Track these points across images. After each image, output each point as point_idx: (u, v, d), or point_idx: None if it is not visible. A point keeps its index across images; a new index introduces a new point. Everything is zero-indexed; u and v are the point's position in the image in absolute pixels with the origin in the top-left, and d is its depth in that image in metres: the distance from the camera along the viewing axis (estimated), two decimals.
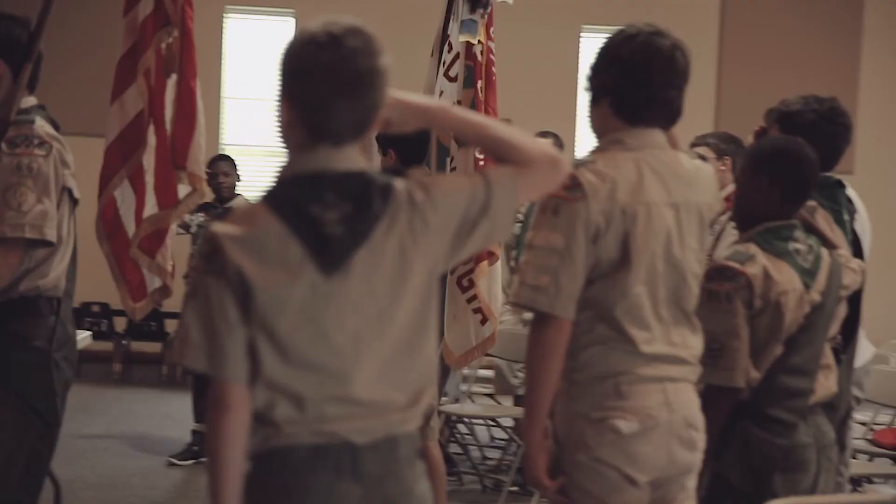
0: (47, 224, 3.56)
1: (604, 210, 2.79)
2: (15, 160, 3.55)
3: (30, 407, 3.62)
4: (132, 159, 4.83)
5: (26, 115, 3.66)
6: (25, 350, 3.63)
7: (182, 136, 4.83)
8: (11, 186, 3.53)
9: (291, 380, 2.14)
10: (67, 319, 3.76)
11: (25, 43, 3.71)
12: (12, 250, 3.55)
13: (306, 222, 2.15)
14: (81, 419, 8.41)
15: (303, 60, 2.17)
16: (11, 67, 3.69)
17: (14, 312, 3.62)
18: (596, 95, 2.98)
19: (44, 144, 3.59)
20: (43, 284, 3.64)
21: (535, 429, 2.86)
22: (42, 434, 3.68)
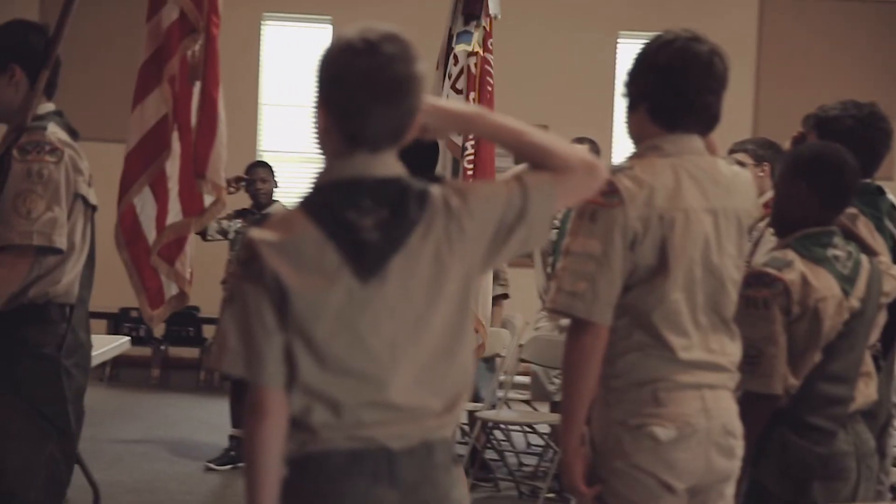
0: (56, 231, 3.54)
1: (641, 216, 2.78)
2: (26, 167, 3.53)
3: (42, 415, 3.61)
4: (153, 166, 4.78)
5: (39, 122, 3.65)
6: (35, 357, 3.60)
7: (203, 144, 4.79)
8: (21, 193, 3.52)
9: (328, 385, 2.14)
10: (80, 326, 3.73)
11: (43, 49, 3.71)
12: (22, 257, 3.53)
13: (343, 228, 2.15)
14: (120, 424, 8.47)
15: (339, 67, 2.17)
16: (28, 74, 3.69)
17: (24, 319, 3.60)
18: (633, 101, 2.97)
19: (55, 151, 3.58)
20: (53, 291, 3.62)
21: (571, 435, 2.85)
22: (58, 442, 3.66)
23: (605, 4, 11.45)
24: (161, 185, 4.85)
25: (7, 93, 3.70)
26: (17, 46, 3.71)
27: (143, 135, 4.79)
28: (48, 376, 3.61)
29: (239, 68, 11.30)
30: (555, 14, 11.50)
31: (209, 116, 4.80)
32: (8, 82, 3.69)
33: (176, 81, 4.79)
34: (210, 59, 4.82)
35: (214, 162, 4.80)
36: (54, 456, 3.66)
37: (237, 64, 11.30)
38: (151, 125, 4.79)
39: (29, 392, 3.59)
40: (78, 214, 3.68)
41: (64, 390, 3.64)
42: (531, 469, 7.27)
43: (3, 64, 3.69)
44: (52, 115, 3.72)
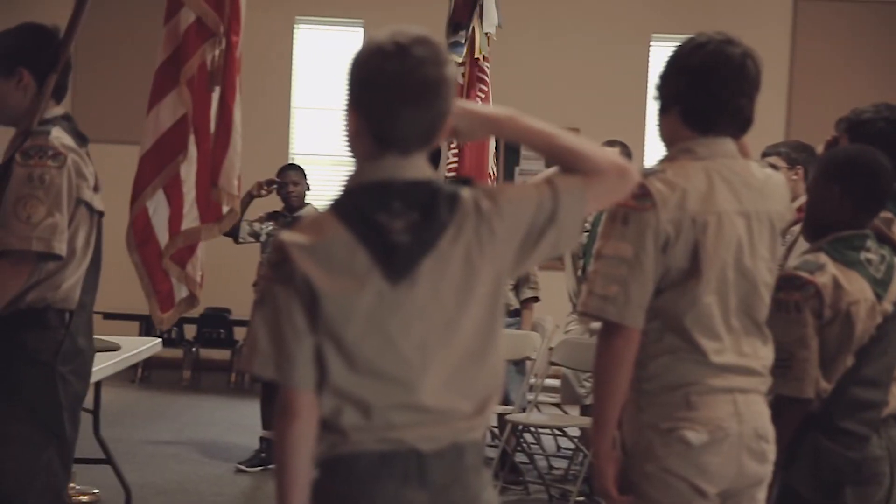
0: (56, 237, 3.50)
1: (673, 219, 2.77)
2: (27, 171, 3.51)
3: (38, 420, 3.57)
4: (168, 168, 4.73)
5: (44, 126, 3.62)
6: (31, 363, 3.56)
7: (217, 153, 4.76)
8: (22, 198, 3.49)
9: (358, 387, 2.15)
10: (81, 332, 3.69)
11: (52, 53, 3.70)
12: (21, 263, 3.50)
13: (373, 231, 2.16)
14: (151, 425, 8.52)
15: (370, 70, 2.17)
16: (37, 77, 3.67)
17: (22, 324, 3.57)
18: (665, 104, 2.96)
19: (58, 156, 3.55)
20: (52, 296, 3.59)
21: (603, 439, 2.84)
22: (56, 447, 3.62)
23: (638, 7, 11.43)
24: (175, 189, 4.79)
25: (15, 96, 3.69)
26: (26, 50, 3.70)
27: (158, 137, 4.75)
28: (44, 382, 3.56)
29: (271, 71, 11.35)
30: (587, 17, 11.49)
31: (225, 125, 4.77)
32: (16, 86, 3.68)
33: (194, 85, 4.76)
34: (228, 66, 4.78)
35: (227, 171, 4.74)
36: (52, 462, 3.61)
37: (269, 67, 11.35)
38: (167, 128, 4.75)
39: (25, 397, 3.55)
40: (81, 220, 3.64)
41: (59, 397, 3.59)
42: (561, 472, 7.26)
43: (10, 68, 3.68)
44: (59, 120, 3.69)
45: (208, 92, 4.80)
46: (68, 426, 3.64)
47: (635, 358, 2.81)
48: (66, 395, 3.61)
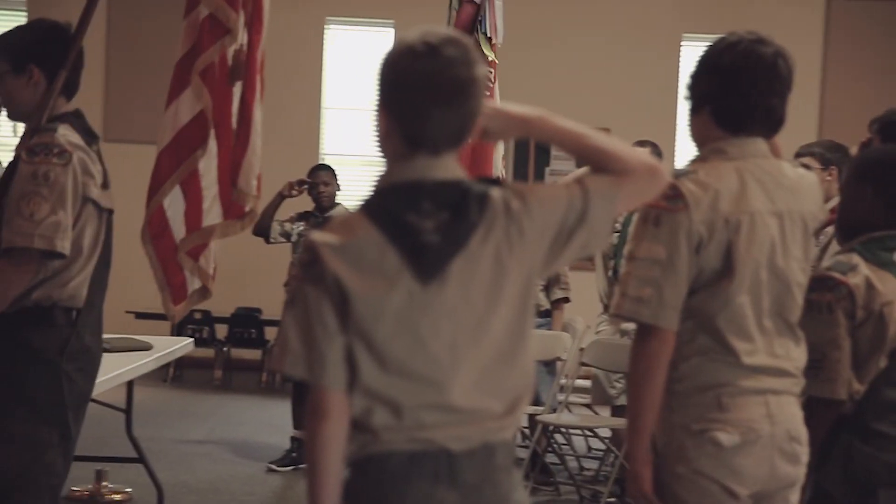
0: (59, 235, 3.48)
1: (706, 220, 2.76)
2: (32, 168, 3.50)
3: (42, 419, 3.56)
4: (186, 164, 4.65)
5: (51, 124, 3.61)
6: (36, 361, 3.55)
7: (237, 151, 4.69)
8: (26, 195, 3.47)
9: (388, 387, 2.15)
10: (88, 330, 3.68)
11: (62, 49, 3.69)
12: (25, 261, 3.49)
13: (403, 231, 2.16)
14: (183, 425, 8.56)
15: (400, 70, 2.18)
16: (47, 75, 3.67)
17: (27, 322, 3.56)
18: (696, 104, 2.95)
19: (63, 154, 3.53)
20: (58, 295, 3.57)
21: (639, 443, 2.82)
22: (60, 448, 3.61)
23: (670, 7, 11.39)
24: (193, 183, 4.72)
25: (26, 93, 3.69)
26: (36, 46, 3.70)
27: (176, 132, 4.69)
28: (49, 381, 3.56)
29: (301, 72, 11.38)
30: (619, 17, 11.46)
31: (244, 124, 4.70)
32: (26, 83, 3.68)
33: (213, 79, 4.68)
34: (250, 65, 4.72)
35: (246, 172, 4.68)
36: (55, 462, 3.61)
37: (300, 67, 11.38)
38: (185, 123, 4.69)
39: (29, 396, 3.55)
40: (87, 218, 3.63)
41: (64, 395, 3.58)
42: (592, 473, 7.24)
43: (21, 65, 3.68)
44: (69, 117, 3.68)
45: (228, 87, 4.73)
46: (73, 425, 3.63)
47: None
48: (71, 394, 3.60)
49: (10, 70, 3.70)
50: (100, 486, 6.26)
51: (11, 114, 3.88)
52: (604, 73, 11.33)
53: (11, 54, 3.70)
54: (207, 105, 4.65)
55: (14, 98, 3.74)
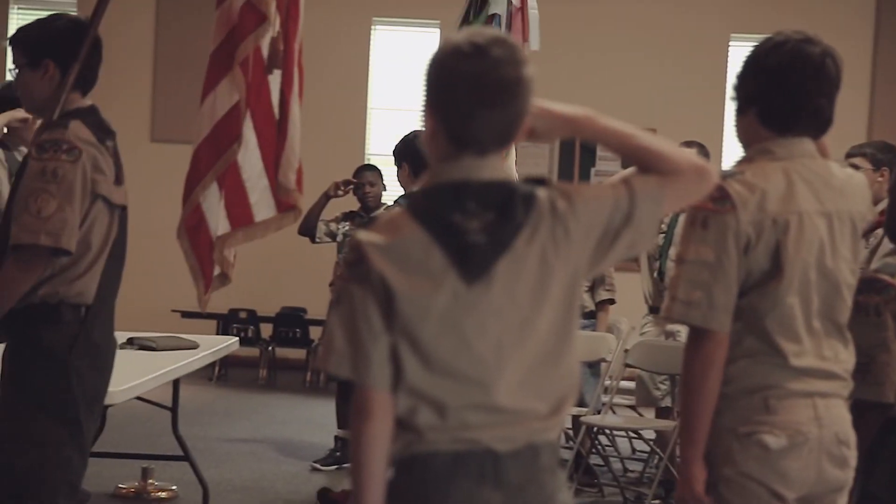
0: (66, 232, 3.47)
1: (754, 221, 2.74)
2: (41, 165, 3.49)
3: (52, 417, 3.55)
4: (224, 157, 4.50)
5: (63, 119, 3.60)
6: (45, 358, 3.55)
7: (277, 145, 4.57)
8: (34, 192, 3.47)
9: (433, 387, 2.15)
10: (98, 326, 3.66)
11: (79, 45, 3.68)
12: (32, 257, 3.48)
13: (449, 231, 2.16)
14: (228, 423, 8.61)
15: (447, 71, 2.18)
16: (62, 69, 3.67)
17: (35, 318, 3.55)
18: (743, 105, 2.93)
19: (73, 150, 3.51)
20: (65, 291, 3.57)
21: (695, 447, 2.80)
22: (74, 444, 3.60)
23: (717, 7, 11.33)
24: (232, 177, 4.59)
25: (41, 87, 3.70)
26: (52, 41, 3.70)
27: (214, 124, 4.56)
28: (58, 377, 3.55)
29: (348, 71, 11.42)
30: (666, 17, 11.42)
31: (283, 117, 4.59)
32: (42, 77, 3.69)
33: (249, 69, 4.57)
34: (287, 56, 4.58)
35: (284, 167, 4.60)
36: (70, 458, 3.60)
37: (346, 67, 11.42)
38: (223, 114, 4.57)
39: (39, 393, 3.55)
40: (97, 215, 3.62)
41: (74, 392, 3.56)
42: (636, 475, 7.22)
43: (36, 59, 3.69)
44: (81, 112, 3.67)
45: (265, 76, 4.61)
46: (84, 421, 3.62)
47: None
48: (81, 390, 3.59)
49: (27, 63, 3.71)
50: (146, 483, 6.31)
51: (28, 107, 3.92)
52: (651, 74, 11.29)
53: (28, 48, 3.72)
54: (242, 95, 4.53)
55: (30, 91, 3.75)
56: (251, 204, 4.62)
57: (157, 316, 9.76)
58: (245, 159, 4.56)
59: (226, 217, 4.59)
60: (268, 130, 4.61)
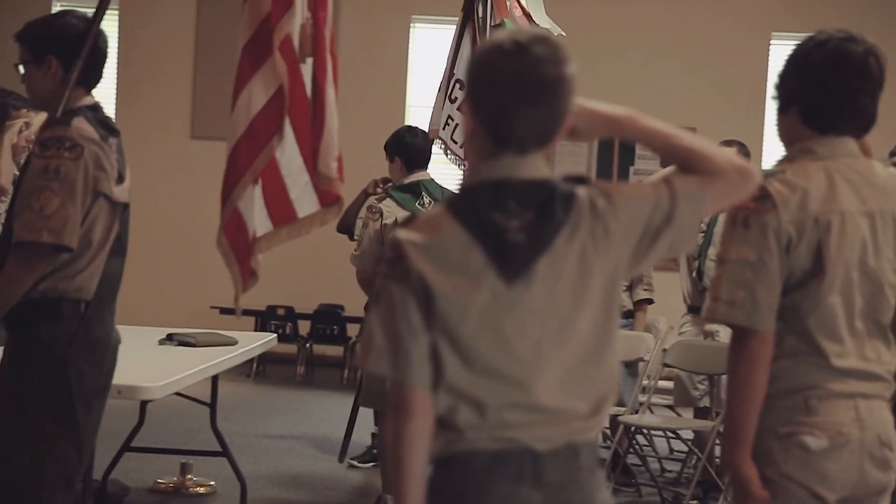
0: (67, 229, 3.48)
1: (795, 220, 2.73)
2: (44, 163, 3.51)
3: (48, 412, 3.56)
4: (263, 154, 4.28)
5: (65, 117, 3.61)
6: (43, 354, 3.56)
7: (315, 134, 4.36)
8: (36, 190, 3.49)
9: (473, 386, 2.15)
10: (97, 322, 3.67)
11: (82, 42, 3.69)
12: (34, 254, 3.50)
13: (488, 230, 2.16)
14: (266, 419, 8.64)
15: (488, 69, 2.17)
16: (65, 66, 3.68)
17: (34, 314, 3.57)
18: (784, 104, 2.92)
19: (75, 148, 3.53)
20: (65, 287, 3.59)
21: (743, 447, 2.78)
22: (70, 439, 3.61)
23: (758, 4, 11.26)
24: (271, 173, 4.38)
25: (45, 83, 3.71)
26: (55, 38, 3.72)
27: (251, 119, 4.32)
28: (56, 373, 3.56)
29: (387, 70, 11.44)
30: (707, 14, 11.36)
31: (319, 105, 4.50)
32: (45, 73, 3.70)
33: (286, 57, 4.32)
34: (319, 43, 4.38)
35: (324, 154, 4.38)
36: (65, 453, 3.61)
37: (385, 65, 11.44)
38: (261, 107, 4.32)
39: (36, 388, 3.56)
40: (99, 212, 3.63)
41: (72, 388, 3.58)
42: (674, 475, 7.19)
43: (40, 55, 3.70)
44: (84, 110, 3.67)
45: (298, 64, 4.41)
46: (82, 417, 3.62)
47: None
48: (79, 386, 3.60)
49: (31, 60, 3.73)
50: (184, 478, 6.35)
51: (34, 103, 3.96)
52: (691, 72, 11.24)
53: (32, 44, 3.74)
54: (284, 80, 4.28)
55: (34, 88, 3.78)
56: (292, 200, 4.48)
57: (196, 312, 9.82)
58: (283, 154, 4.42)
59: (267, 216, 4.45)
60: (304, 123, 4.44)
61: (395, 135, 6.16)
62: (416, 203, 5.96)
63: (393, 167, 6.11)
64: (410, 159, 6.03)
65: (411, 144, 6.08)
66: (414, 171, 6.04)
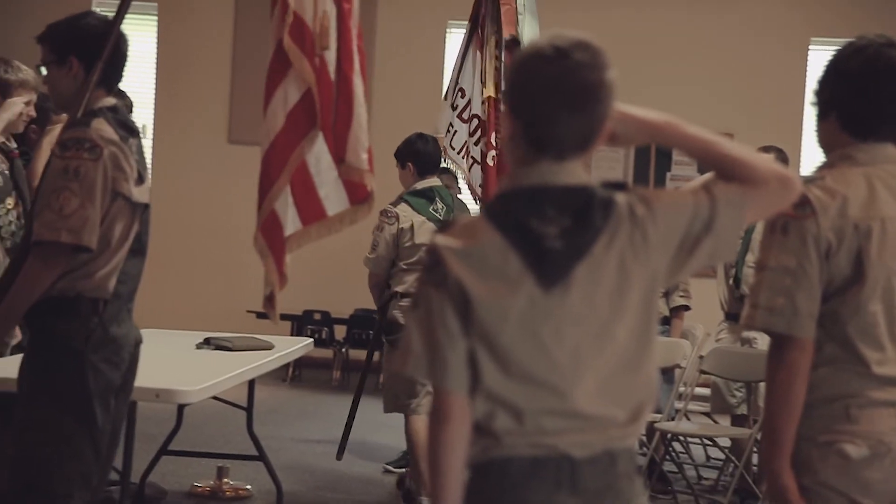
0: (87, 229, 3.51)
1: (834, 227, 2.71)
2: (63, 163, 3.54)
3: (66, 409, 3.59)
4: (296, 152, 4.21)
5: (86, 117, 3.64)
6: (60, 351, 3.60)
7: (339, 126, 4.28)
8: (56, 190, 3.52)
9: (510, 392, 2.14)
10: (115, 320, 3.69)
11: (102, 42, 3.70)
12: (53, 254, 3.53)
13: (526, 236, 2.15)
14: (302, 423, 8.67)
15: (528, 74, 2.17)
16: (87, 67, 3.70)
17: (52, 312, 3.61)
18: (823, 110, 2.90)
19: (94, 148, 3.55)
20: (83, 286, 3.61)
21: (783, 456, 2.75)
22: (88, 436, 3.63)
23: (797, 11, 11.21)
24: (300, 172, 4.30)
25: (66, 84, 3.74)
26: (78, 39, 3.74)
27: (287, 113, 4.23)
28: (73, 371, 3.59)
29: (423, 74, 11.46)
30: (745, 20, 11.32)
31: (345, 96, 4.44)
32: (67, 74, 3.73)
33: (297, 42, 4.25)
34: (344, 34, 4.30)
35: (353, 144, 4.32)
36: (83, 450, 3.63)
37: (421, 71, 11.46)
38: (295, 102, 4.25)
39: (54, 385, 3.59)
40: (117, 213, 3.64)
41: (88, 386, 3.60)
42: (711, 483, 7.15)
43: (62, 56, 3.73)
44: (105, 111, 3.69)
45: (314, 57, 4.27)
46: (100, 415, 3.64)
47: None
48: (96, 384, 3.62)
49: (55, 60, 3.76)
50: (221, 482, 6.37)
51: (56, 104, 3.97)
52: (728, 77, 11.19)
53: (55, 45, 3.77)
54: (312, 80, 4.24)
55: (56, 88, 3.81)
56: (321, 198, 4.38)
57: (233, 316, 9.85)
58: (311, 152, 4.34)
59: (297, 215, 4.36)
60: (329, 117, 4.34)
61: (407, 142, 6.31)
62: (430, 208, 6.12)
63: (405, 173, 6.26)
64: (423, 165, 6.22)
65: (423, 151, 6.24)
66: (426, 177, 6.22)
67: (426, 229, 5.97)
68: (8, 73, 5.03)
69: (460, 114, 6.42)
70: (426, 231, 5.97)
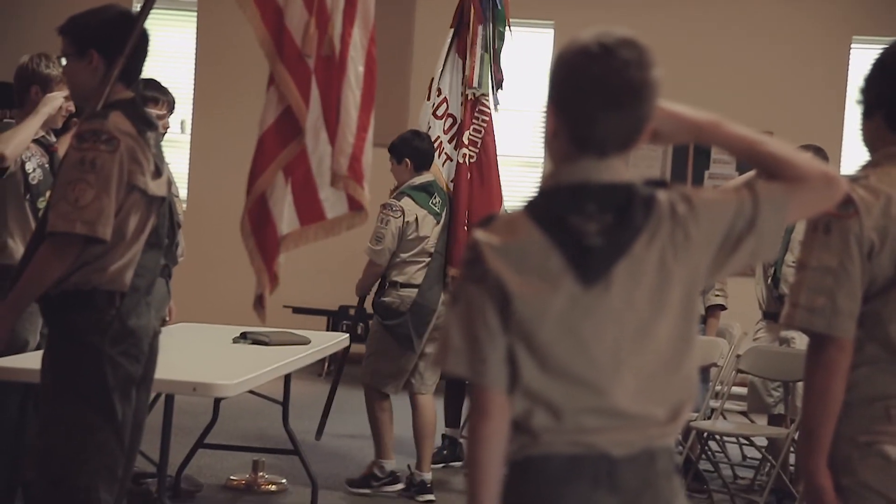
0: (101, 221, 3.53)
1: (877, 227, 2.69)
2: (80, 155, 3.55)
3: (86, 402, 3.61)
4: (293, 143, 4.14)
5: (104, 110, 3.65)
6: (78, 344, 3.62)
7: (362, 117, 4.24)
8: (72, 181, 3.53)
9: (549, 389, 2.14)
10: (133, 313, 3.70)
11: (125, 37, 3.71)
12: (66, 245, 3.54)
13: (567, 233, 2.14)
14: (337, 419, 8.65)
15: (573, 71, 2.16)
16: (107, 60, 3.71)
17: (69, 305, 3.63)
18: (868, 108, 2.89)
19: (111, 141, 3.56)
20: (98, 279, 3.63)
21: (819, 457, 2.75)
22: (111, 429, 3.64)
23: (839, 8, 11.12)
24: (301, 169, 4.23)
25: (85, 77, 3.76)
26: (99, 32, 3.76)
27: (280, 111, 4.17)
28: (91, 364, 3.61)
29: None
30: (785, 17, 11.24)
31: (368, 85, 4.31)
32: (86, 67, 3.74)
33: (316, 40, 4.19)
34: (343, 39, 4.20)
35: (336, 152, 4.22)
36: (107, 442, 3.64)
37: None
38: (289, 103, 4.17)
39: (73, 379, 3.61)
40: (133, 205, 3.65)
41: (107, 379, 3.62)
42: (747, 482, 7.12)
43: (82, 49, 3.75)
44: (123, 104, 3.71)
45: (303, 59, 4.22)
46: (120, 407, 3.65)
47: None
48: (115, 377, 3.63)
49: (74, 53, 3.78)
50: (256, 476, 6.39)
51: (74, 96, 4.03)
52: (769, 75, 11.12)
53: (76, 37, 3.78)
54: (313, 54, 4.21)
55: (75, 81, 3.84)
56: (321, 200, 4.33)
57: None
58: (315, 153, 4.28)
59: (295, 214, 4.30)
60: (333, 119, 4.29)
61: (402, 138, 6.60)
62: (429, 201, 6.50)
63: (400, 168, 6.52)
64: (419, 161, 6.51)
65: (420, 147, 6.54)
66: (421, 172, 6.53)
67: (428, 222, 6.42)
68: (49, 67, 5.07)
69: (434, 111, 6.99)
70: (428, 224, 6.43)
